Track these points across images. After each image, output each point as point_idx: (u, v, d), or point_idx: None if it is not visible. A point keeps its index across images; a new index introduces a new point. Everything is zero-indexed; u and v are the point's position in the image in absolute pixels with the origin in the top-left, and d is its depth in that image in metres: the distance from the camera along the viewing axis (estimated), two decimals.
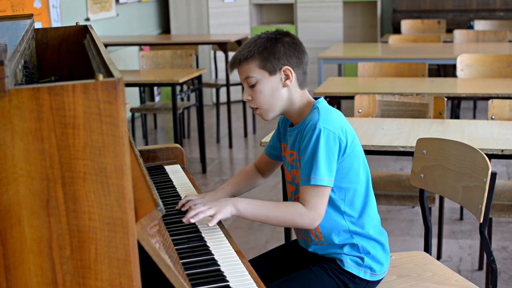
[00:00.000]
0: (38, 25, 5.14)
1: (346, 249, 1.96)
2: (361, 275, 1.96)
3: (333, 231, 1.95)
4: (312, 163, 1.84)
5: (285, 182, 2.11)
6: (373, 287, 2.01)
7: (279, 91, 1.94)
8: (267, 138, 2.69)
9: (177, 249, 1.69)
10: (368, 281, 1.97)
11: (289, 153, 2.00)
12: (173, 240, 1.75)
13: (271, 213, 1.88)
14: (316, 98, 2.00)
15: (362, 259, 1.96)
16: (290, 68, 1.92)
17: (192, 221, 1.82)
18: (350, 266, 1.95)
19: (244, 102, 6.07)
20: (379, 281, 2.01)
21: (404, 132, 2.85)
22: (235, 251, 1.71)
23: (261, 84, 1.92)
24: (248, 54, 1.92)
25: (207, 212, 1.83)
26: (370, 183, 1.99)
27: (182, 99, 6.10)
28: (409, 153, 2.62)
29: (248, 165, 2.25)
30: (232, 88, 7.08)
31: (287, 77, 1.93)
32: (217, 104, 6.07)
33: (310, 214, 1.85)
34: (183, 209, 1.91)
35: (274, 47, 1.91)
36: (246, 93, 1.96)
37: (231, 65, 1.97)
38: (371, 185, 2.00)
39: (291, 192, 2.03)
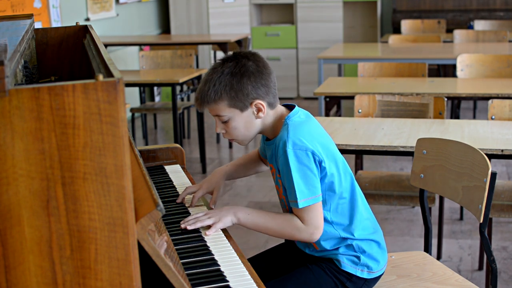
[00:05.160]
0: (38, 25, 5.14)
1: (342, 250, 1.96)
2: (358, 274, 1.96)
3: (325, 240, 1.96)
4: (293, 186, 1.84)
5: None
6: (371, 285, 2.01)
7: (253, 122, 1.91)
8: None
9: (177, 249, 1.69)
10: (366, 279, 1.98)
11: (269, 166, 2.03)
12: (173, 240, 1.75)
13: (270, 225, 1.90)
14: (289, 107, 1.96)
15: (358, 258, 1.96)
16: (261, 101, 1.88)
17: (189, 228, 1.82)
18: (346, 265, 1.96)
19: None
20: (377, 278, 2.02)
21: (404, 132, 2.85)
22: (235, 251, 1.71)
23: (234, 121, 1.89)
24: (215, 96, 1.86)
25: (206, 222, 1.84)
26: (355, 187, 1.98)
27: (182, 99, 6.10)
28: (409, 153, 2.62)
29: (252, 151, 2.25)
30: None
31: (259, 110, 1.89)
32: None
33: (308, 229, 1.87)
34: (185, 224, 1.86)
35: (241, 84, 1.85)
36: (219, 127, 1.92)
37: (198, 104, 1.91)
38: (357, 189, 1.98)
39: (281, 194, 2.02)
